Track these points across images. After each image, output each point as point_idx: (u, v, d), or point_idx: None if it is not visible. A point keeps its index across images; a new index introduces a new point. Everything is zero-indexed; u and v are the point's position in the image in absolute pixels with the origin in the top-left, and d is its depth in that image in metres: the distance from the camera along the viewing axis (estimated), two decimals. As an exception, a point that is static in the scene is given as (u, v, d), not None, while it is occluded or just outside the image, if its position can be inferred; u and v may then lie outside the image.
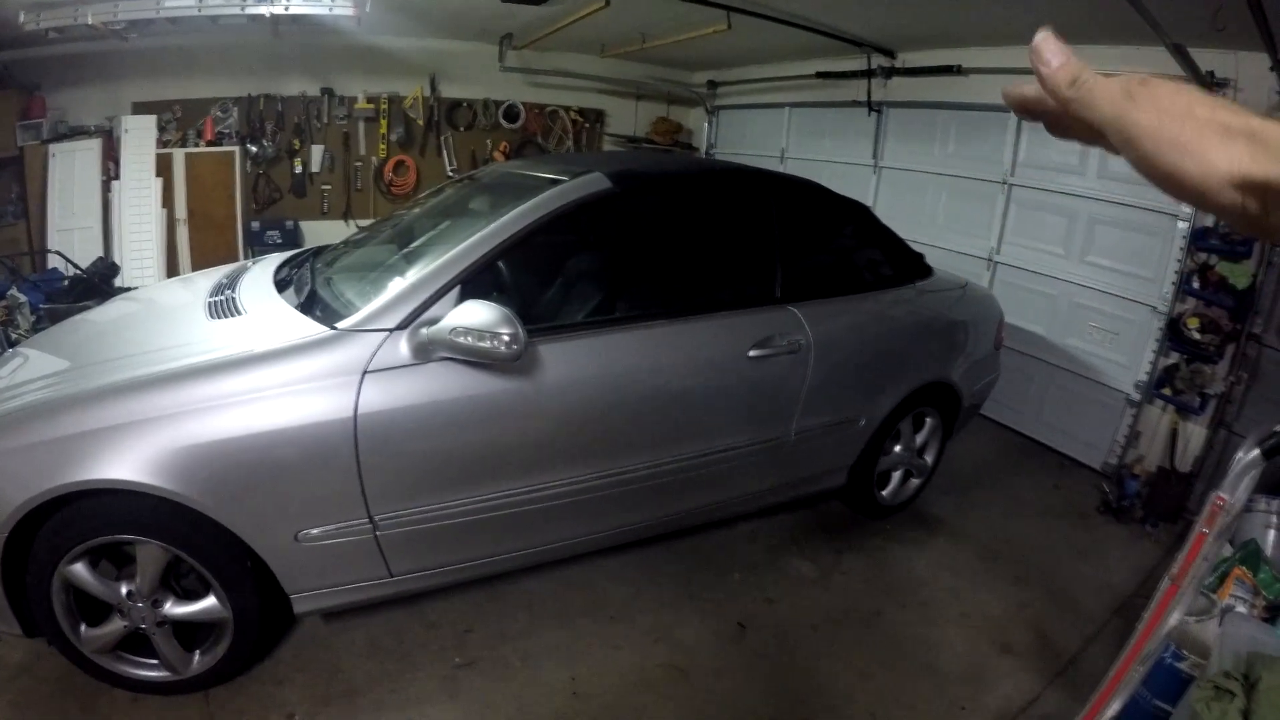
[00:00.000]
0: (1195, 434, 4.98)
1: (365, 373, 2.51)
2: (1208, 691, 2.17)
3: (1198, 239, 4.77)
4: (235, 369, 2.44)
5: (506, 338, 2.46)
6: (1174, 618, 2.10)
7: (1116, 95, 0.59)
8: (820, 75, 7.44)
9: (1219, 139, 0.53)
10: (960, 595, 3.84)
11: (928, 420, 4.34)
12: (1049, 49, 0.65)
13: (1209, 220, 4.74)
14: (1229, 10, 3.51)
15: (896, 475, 4.38)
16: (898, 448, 4.25)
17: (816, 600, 3.68)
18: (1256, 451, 1.92)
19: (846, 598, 3.72)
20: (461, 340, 2.48)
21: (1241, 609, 3.12)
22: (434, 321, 2.56)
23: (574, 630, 3.28)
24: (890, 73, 6.82)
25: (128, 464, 2.26)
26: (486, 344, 2.47)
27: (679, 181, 3.78)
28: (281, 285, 3.23)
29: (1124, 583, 4.14)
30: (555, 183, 3.09)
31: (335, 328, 2.61)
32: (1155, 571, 4.20)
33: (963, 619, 3.65)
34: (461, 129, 8.53)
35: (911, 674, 3.25)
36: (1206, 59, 4.36)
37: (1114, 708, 2.25)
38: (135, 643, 2.63)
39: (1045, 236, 5.81)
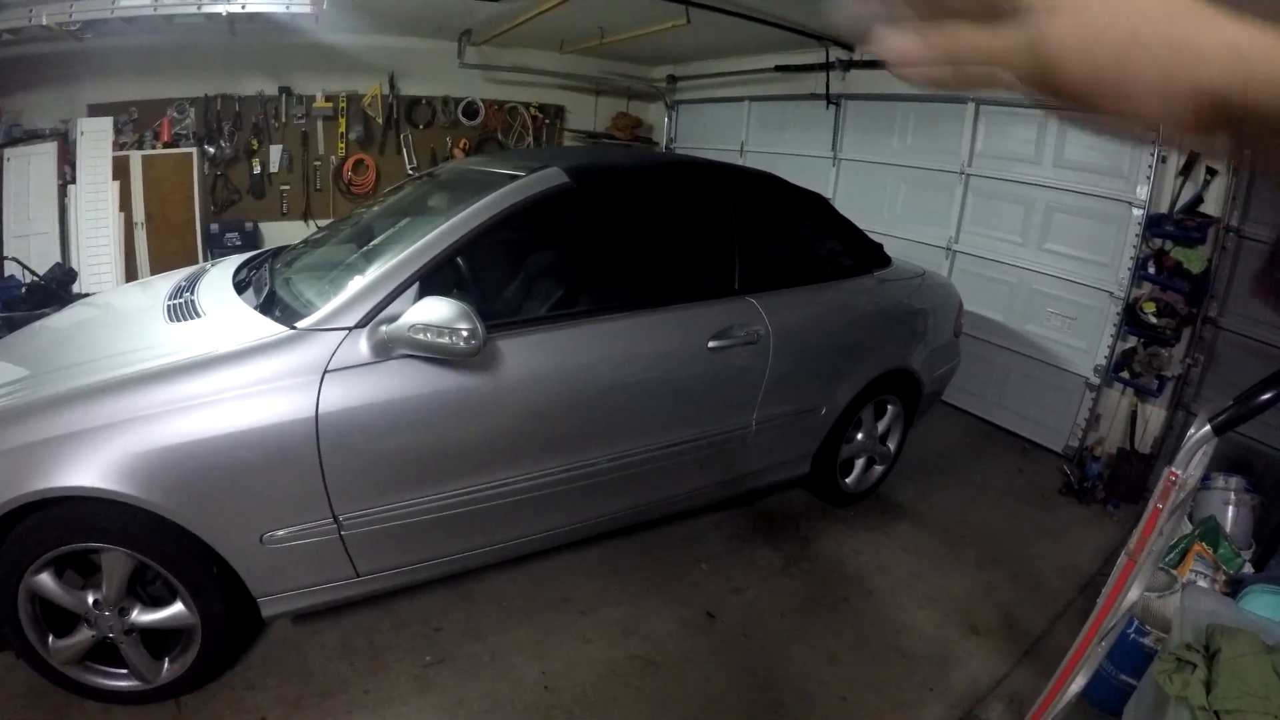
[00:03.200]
0: (1154, 415, 5.08)
1: (325, 372, 2.50)
2: (1169, 664, 2.21)
3: (1153, 225, 4.87)
4: (195, 372, 2.42)
5: (465, 333, 2.46)
6: (1133, 593, 2.13)
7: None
8: (779, 69, 7.50)
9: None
10: (926, 579, 3.89)
11: (889, 408, 4.38)
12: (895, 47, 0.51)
13: (1164, 207, 4.83)
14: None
15: (860, 463, 4.42)
16: (860, 435, 4.29)
17: (783, 588, 3.71)
18: (1208, 427, 1.96)
19: (813, 585, 3.76)
20: (420, 336, 2.49)
21: (1202, 584, 3.19)
22: (393, 319, 2.56)
23: (543, 625, 3.29)
24: (849, 66, 6.88)
25: (90, 470, 2.24)
26: (445, 340, 2.47)
27: (636, 175, 3.79)
28: (241, 286, 3.21)
29: (1087, 562, 4.21)
30: (513, 178, 3.09)
31: (295, 327, 2.60)
32: (1118, 551, 4.25)
33: (929, 602, 3.70)
34: (421, 127, 8.48)
35: (880, 657, 3.30)
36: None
37: (1078, 683, 2.29)
38: (104, 652, 2.60)
39: (1003, 225, 5.89)
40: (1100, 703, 2.95)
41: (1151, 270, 4.85)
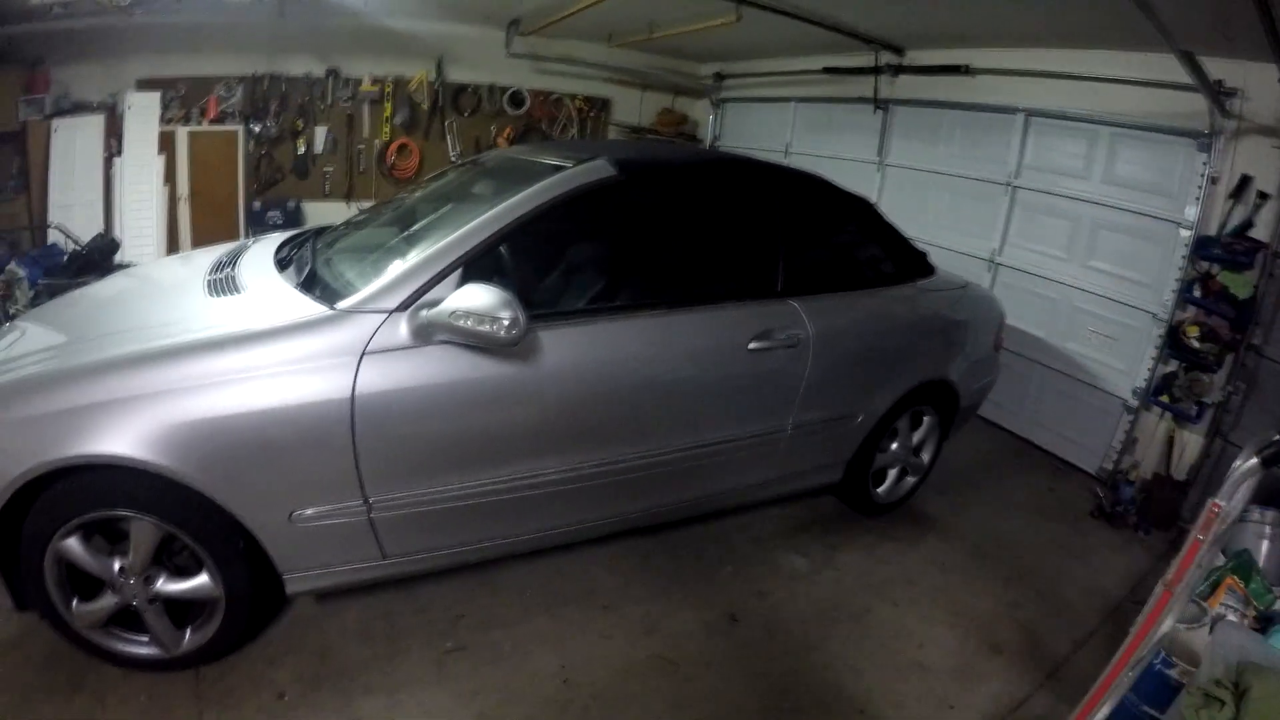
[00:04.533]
0: (1192, 442, 4.98)
1: (364, 354, 2.50)
2: (1197, 699, 2.17)
3: (1200, 248, 4.77)
4: (233, 346, 2.43)
5: (506, 322, 2.46)
6: (1167, 624, 2.09)
7: None
8: (827, 71, 7.43)
9: None
10: (951, 594, 3.84)
11: (925, 419, 4.34)
12: None
13: (1212, 229, 4.75)
14: (1239, 20, 3.50)
15: (892, 473, 4.38)
16: (894, 445, 4.25)
17: (808, 595, 3.68)
18: (1255, 460, 1.91)
19: (838, 593, 3.72)
20: (461, 323, 2.48)
21: (1232, 618, 3.12)
22: (434, 304, 2.56)
23: (565, 618, 3.28)
24: (898, 70, 6.81)
25: (124, 439, 2.25)
26: (486, 328, 2.47)
27: (684, 171, 3.77)
28: (282, 264, 3.22)
29: (1115, 588, 4.14)
30: (560, 169, 3.09)
31: (335, 308, 2.60)
32: (1147, 577, 4.21)
33: (953, 618, 3.65)
34: (466, 114, 8.49)
35: (900, 670, 3.26)
36: (1215, 68, 4.34)
37: (1103, 712, 2.25)
38: (126, 619, 2.61)
39: (1048, 239, 5.80)
40: (1123, 734, 2.89)
41: (1196, 293, 4.76)
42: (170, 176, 7.29)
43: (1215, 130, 4.68)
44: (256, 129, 7.55)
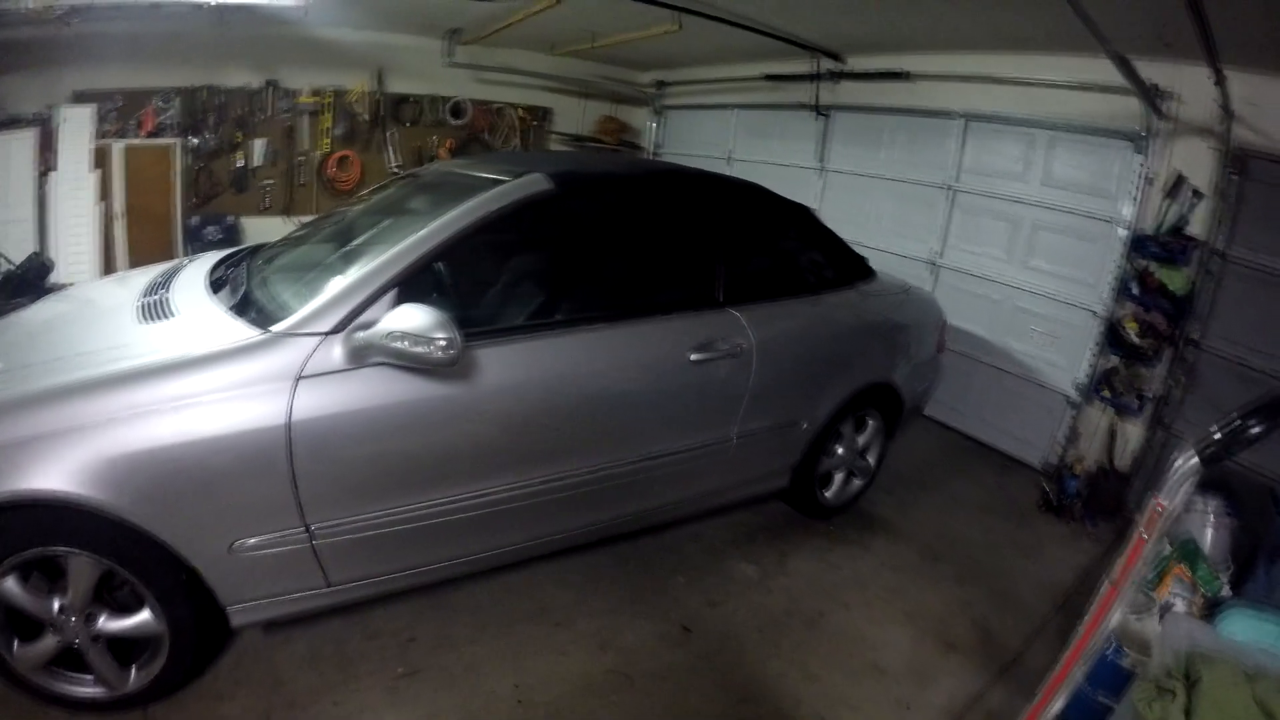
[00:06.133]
0: (1134, 434, 5.11)
1: (299, 378, 2.46)
2: (1149, 691, 2.20)
3: (1137, 246, 4.90)
4: (165, 375, 2.37)
5: (443, 342, 2.43)
6: (1114, 619, 2.12)
7: None
8: (768, 78, 7.48)
9: None
10: (904, 594, 3.88)
11: (870, 422, 4.38)
12: None
13: (1148, 228, 4.86)
14: (1174, 24, 3.58)
15: (839, 476, 4.42)
16: (840, 449, 4.28)
17: (761, 602, 3.69)
18: (1195, 459, 1.94)
19: (791, 599, 3.74)
20: (397, 345, 2.45)
21: (1180, 605, 3.18)
22: (369, 325, 2.53)
23: (518, 637, 3.25)
24: (838, 77, 6.88)
25: (56, 474, 2.18)
26: (422, 349, 2.44)
27: (621, 183, 3.76)
28: (216, 285, 3.16)
29: (1065, 579, 4.23)
30: (496, 183, 3.07)
31: (269, 331, 2.55)
32: (1095, 568, 4.30)
33: (906, 618, 3.70)
34: (406, 125, 8.41)
35: (857, 674, 3.28)
36: (1150, 71, 4.45)
37: (1058, 705, 2.28)
38: (70, 659, 2.54)
39: (988, 241, 5.90)
40: (1078, 723, 2.94)
41: (1135, 290, 4.88)
42: (106, 192, 7.10)
43: (1150, 131, 4.81)
44: (194, 142, 7.39)
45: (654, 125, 9.82)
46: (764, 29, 5.90)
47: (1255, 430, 1.88)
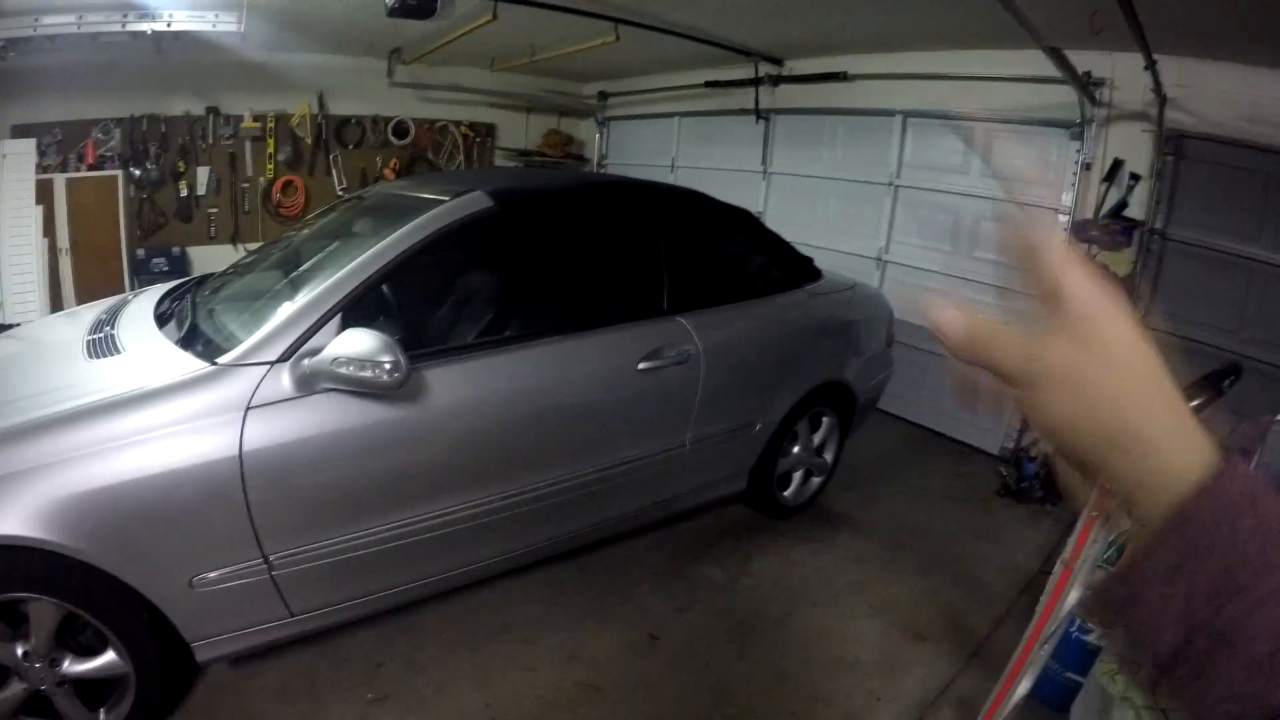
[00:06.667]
0: (1087, 415, 5.18)
1: (248, 409, 2.45)
2: (1112, 665, 2.25)
3: (1078, 231, 4.99)
4: (113, 412, 2.34)
5: (388, 365, 2.43)
6: (1072, 598, 2.17)
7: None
8: (709, 84, 7.54)
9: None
10: (869, 588, 3.92)
11: (825, 420, 4.43)
12: (941, 319, 0.60)
13: (1089, 213, 4.97)
14: (1104, 14, 3.66)
15: (797, 475, 4.46)
16: (796, 449, 4.33)
17: (727, 605, 3.71)
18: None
19: (757, 600, 3.77)
20: (343, 370, 2.45)
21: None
22: (316, 352, 2.52)
23: (486, 655, 3.25)
24: (778, 80, 6.97)
25: (10, 517, 2.15)
26: (369, 373, 2.44)
27: (561, 197, 3.79)
28: (163, 319, 3.13)
29: (1028, 561, 4.30)
30: (437, 203, 3.07)
31: (216, 363, 2.54)
32: (1058, 548, 4.33)
33: (873, 611, 3.74)
34: (351, 146, 8.35)
35: (827, 670, 3.31)
36: (1083, 60, 4.56)
37: (1024, 686, 2.32)
38: (38, 705, 2.50)
39: (933, 234, 5.99)
40: (1049, 701, 2.99)
41: (1078, 275, 4.95)
42: (50, 227, 6.99)
43: (1086, 119, 4.92)
44: (137, 173, 7.28)
45: (599, 136, 9.84)
46: (702, 36, 5.95)
47: (1195, 404, 1.94)
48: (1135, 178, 4.80)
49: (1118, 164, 4.86)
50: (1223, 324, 4.59)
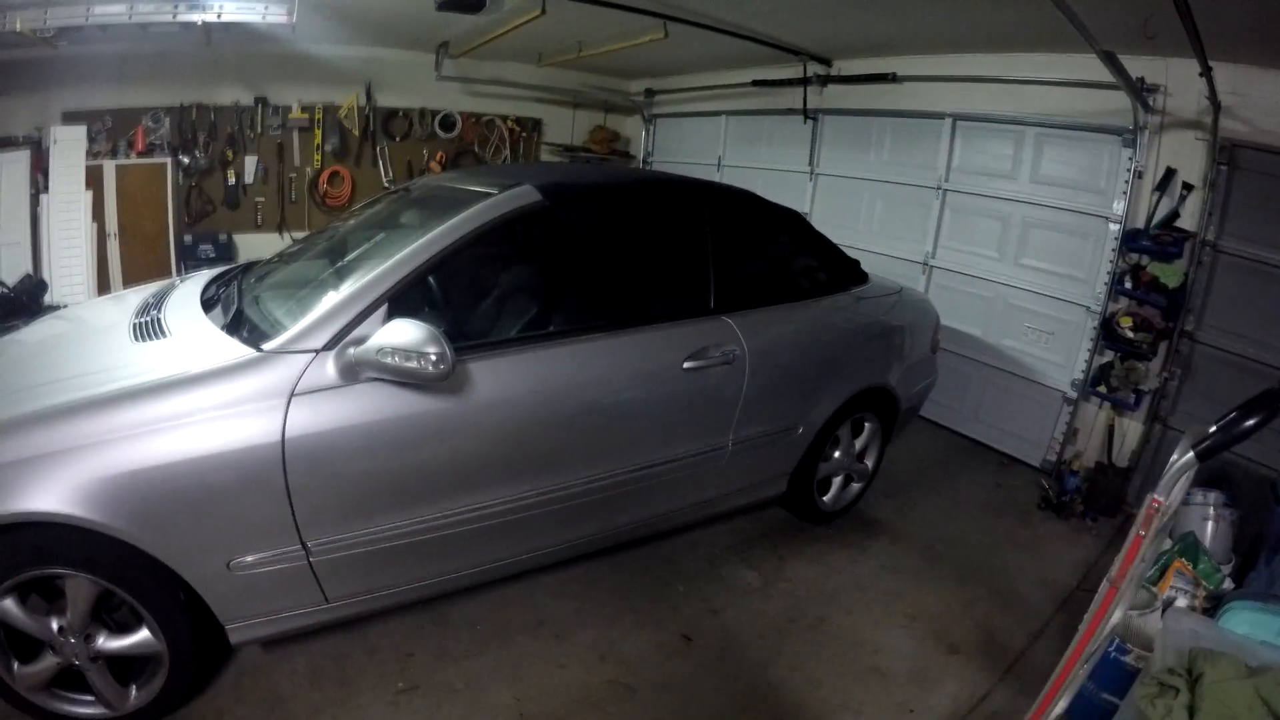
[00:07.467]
0: (1131, 429, 5.11)
1: (292, 395, 2.45)
2: (1152, 688, 2.19)
3: (1129, 240, 4.92)
4: (159, 395, 2.36)
5: (434, 357, 2.43)
6: (1115, 617, 2.12)
7: None
8: (757, 83, 7.49)
9: None
10: (904, 597, 3.87)
11: (866, 425, 4.38)
12: None
13: (1139, 222, 4.87)
14: (1159, 18, 3.58)
15: (837, 481, 4.42)
16: (837, 453, 4.28)
17: (761, 609, 3.68)
18: (1191, 454, 1.94)
19: (791, 605, 3.73)
20: (388, 360, 2.45)
21: (1182, 601, 3.18)
22: (361, 341, 2.52)
23: (517, 649, 3.24)
24: (826, 80, 6.91)
25: (52, 495, 2.18)
26: (414, 364, 2.43)
27: (610, 193, 3.75)
28: (209, 304, 3.16)
29: (1066, 577, 4.22)
30: (485, 196, 3.06)
31: (261, 349, 2.55)
32: (1097, 565, 4.30)
33: (908, 621, 3.69)
34: (397, 139, 8.41)
35: (859, 678, 3.27)
36: (1137, 65, 4.47)
37: (1061, 705, 2.28)
38: (70, 679, 2.54)
39: (980, 240, 5.91)
40: (1083, 721, 2.94)
41: (1128, 285, 4.88)
42: (99, 212, 7.10)
43: (1139, 126, 4.81)
44: (185, 160, 7.38)
45: (644, 134, 9.82)
46: (751, 35, 5.92)
47: (1251, 424, 1.88)
48: (1188, 187, 4.70)
49: (1170, 173, 4.76)
50: (1276, 341, 4.47)
